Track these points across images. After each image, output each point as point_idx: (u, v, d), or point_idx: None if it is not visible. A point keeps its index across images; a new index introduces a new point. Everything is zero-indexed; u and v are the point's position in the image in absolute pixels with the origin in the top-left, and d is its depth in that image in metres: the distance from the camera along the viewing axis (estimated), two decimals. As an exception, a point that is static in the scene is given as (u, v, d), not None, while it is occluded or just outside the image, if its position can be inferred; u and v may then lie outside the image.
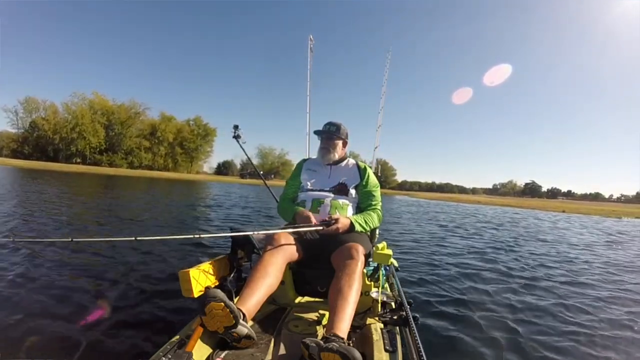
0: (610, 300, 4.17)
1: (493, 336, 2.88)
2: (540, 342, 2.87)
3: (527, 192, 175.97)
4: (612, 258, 7.49)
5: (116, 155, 68.72)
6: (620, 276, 5.62)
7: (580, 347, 2.85)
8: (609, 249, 9.06)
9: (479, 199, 70.85)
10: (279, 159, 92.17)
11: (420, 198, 57.87)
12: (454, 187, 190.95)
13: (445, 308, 3.45)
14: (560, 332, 3.13)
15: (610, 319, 3.55)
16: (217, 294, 1.51)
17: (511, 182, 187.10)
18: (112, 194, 15.43)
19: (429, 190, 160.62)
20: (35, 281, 3.31)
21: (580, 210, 39.28)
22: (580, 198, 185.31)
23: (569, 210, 38.21)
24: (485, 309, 3.56)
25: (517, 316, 3.41)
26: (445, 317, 3.23)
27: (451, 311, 3.39)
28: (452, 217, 17.12)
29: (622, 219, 29.78)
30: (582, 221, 22.08)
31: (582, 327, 3.25)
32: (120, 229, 6.45)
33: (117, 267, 3.96)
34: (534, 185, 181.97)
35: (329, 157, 2.56)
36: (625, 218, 30.90)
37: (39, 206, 8.71)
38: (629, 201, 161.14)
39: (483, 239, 9.25)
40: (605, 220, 25.09)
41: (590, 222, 21.19)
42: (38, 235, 5.49)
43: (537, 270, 5.61)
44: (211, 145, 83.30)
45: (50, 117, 64.37)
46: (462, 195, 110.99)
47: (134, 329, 2.52)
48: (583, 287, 4.70)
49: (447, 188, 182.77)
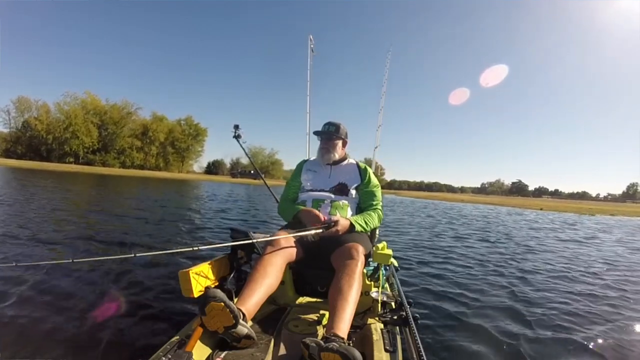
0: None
1: (493, 336, 2.93)
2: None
3: (514, 191, 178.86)
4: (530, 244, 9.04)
5: (109, 154, 68.83)
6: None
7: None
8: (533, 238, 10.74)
9: (462, 197, 72.61)
10: (268, 159, 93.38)
11: (405, 197, 59.81)
12: (443, 186, 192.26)
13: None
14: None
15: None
16: (217, 293, 1.52)
17: (499, 181, 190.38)
18: (110, 194, 15.59)
19: (418, 189, 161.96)
20: (34, 282, 3.32)
21: (558, 208, 40.35)
22: (567, 197, 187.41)
23: (546, 208, 39.30)
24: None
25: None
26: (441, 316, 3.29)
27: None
28: (428, 213, 18.51)
29: (595, 215, 31.20)
30: (549, 217, 23.68)
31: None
32: (119, 230, 6.46)
33: (117, 267, 3.99)
34: (521, 184, 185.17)
35: (329, 157, 2.56)
36: (598, 215, 32.26)
37: (42, 207, 8.80)
38: (616, 200, 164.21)
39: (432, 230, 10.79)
40: (577, 217, 26.56)
41: (557, 218, 22.89)
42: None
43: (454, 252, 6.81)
44: (202, 145, 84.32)
45: (43, 116, 64.17)
46: (446, 194, 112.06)
47: (133, 329, 2.54)
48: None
49: (436, 187, 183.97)
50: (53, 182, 19.17)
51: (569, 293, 4.35)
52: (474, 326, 3.09)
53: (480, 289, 4.23)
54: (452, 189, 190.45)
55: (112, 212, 9.05)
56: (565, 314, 3.55)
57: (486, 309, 3.54)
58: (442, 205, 32.67)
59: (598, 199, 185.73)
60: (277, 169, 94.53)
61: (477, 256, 6.51)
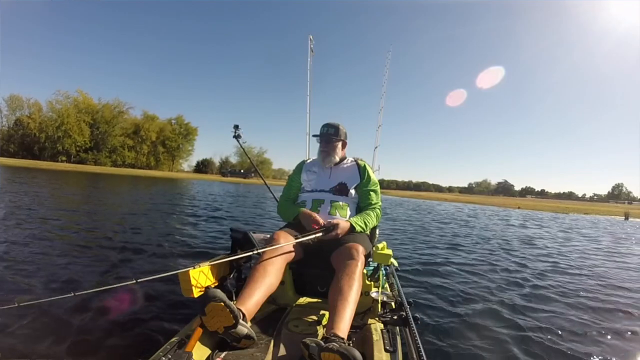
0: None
1: (493, 336, 2.96)
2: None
3: (500, 191, 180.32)
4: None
5: (101, 153, 68.86)
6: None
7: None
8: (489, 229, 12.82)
9: (446, 196, 74.12)
10: (257, 158, 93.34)
11: (391, 196, 61.07)
12: (431, 186, 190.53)
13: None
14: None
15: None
16: (217, 293, 1.51)
17: (485, 181, 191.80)
18: (107, 194, 15.54)
19: (406, 188, 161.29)
20: (32, 282, 3.30)
21: (536, 207, 42.11)
22: (553, 197, 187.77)
23: (524, 207, 40.95)
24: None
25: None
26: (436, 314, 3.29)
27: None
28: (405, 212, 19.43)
29: (569, 214, 33.14)
30: (520, 214, 26.11)
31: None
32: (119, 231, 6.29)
33: (116, 267, 3.99)
34: (506, 185, 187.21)
35: (329, 160, 2.56)
36: (572, 214, 34.31)
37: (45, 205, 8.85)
38: (601, 200, 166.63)
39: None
40: (552, 215, 28.80)
41: (528, 215, 25.34)
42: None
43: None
44: (192, 144, 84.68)
45: (36, 115, 63.97)
46: (431, 193, 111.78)
47: (133, 329, 2.53)
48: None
49: (424, 187, 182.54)
50: (54, 182, 19.43)
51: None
52: (474, 326, 3.11)
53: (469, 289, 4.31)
54: (440, 189, 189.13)
55: (118, 211, 9.36)
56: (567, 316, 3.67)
57: (480, 310, 3.58)
58: (425, 204, 33.51)
59: (584, 199, 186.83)
60: (266, 168, 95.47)
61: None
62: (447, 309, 3.50)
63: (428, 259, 5.96)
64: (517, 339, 2.91)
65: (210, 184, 39.22)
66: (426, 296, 3.85)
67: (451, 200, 50.63)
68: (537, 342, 2.89)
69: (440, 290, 4.08)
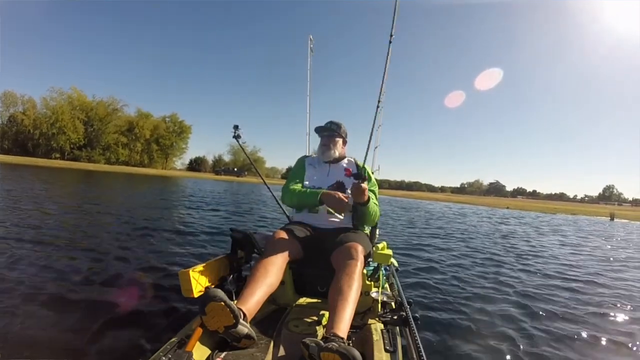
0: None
1: (493, 336, 2.98)
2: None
3: (492, 191, 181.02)
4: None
5: (94, 151, 68.34)
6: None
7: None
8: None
9: (437, 196, 74.21)
10: (251, 156, 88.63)
11: (383, 195, 60.27)
12: (423, 186, 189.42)
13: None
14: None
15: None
16: (217, 293, 1.51)
17: (477, 181, 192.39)
18: (106, 192, 15.38)
19: (398, 188, 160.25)
20: (31, 282, 3.27)
21: (525, 207, 42.73)
22: (545, 198, 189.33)
23: (513, 207, 41.51)
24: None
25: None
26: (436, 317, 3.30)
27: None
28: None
29: (556, 214, 34.00)
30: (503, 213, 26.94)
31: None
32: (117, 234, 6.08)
33: (115, 268, 3.92)
34: (498, 185, 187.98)
35: (330, 153, 2.56)
36: (559, 214, 35.17)
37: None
38: (592, 201, 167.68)
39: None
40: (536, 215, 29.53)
41: (513, 214, 26.29)
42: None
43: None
44: (186, 142, 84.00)
45: (30, 112, 63.37)
46: (422, 193, 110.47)
47: (133, 329, 2.53)
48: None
49: (416, 186, 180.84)
50: (57, 182, 18.84)
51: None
52: (474, 326, 3.12)
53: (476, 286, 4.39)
54: (432, 189, 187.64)
55: (121, 208, 9.30)
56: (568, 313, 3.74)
57: (484, 310, 3.60)
58: (415, 203, 34.02)
59: (575, 200, 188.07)
60: (259, 166, 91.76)
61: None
62: (447, 308, 3.56)
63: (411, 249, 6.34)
64: (518, 338, 2.94)
65: (204, 182, 39.25)
66: (426, 296, 3.90)
67: (442, 200, 50.96)
68: (538, 341, 2.95)
69: (441, 290, 4.16)
